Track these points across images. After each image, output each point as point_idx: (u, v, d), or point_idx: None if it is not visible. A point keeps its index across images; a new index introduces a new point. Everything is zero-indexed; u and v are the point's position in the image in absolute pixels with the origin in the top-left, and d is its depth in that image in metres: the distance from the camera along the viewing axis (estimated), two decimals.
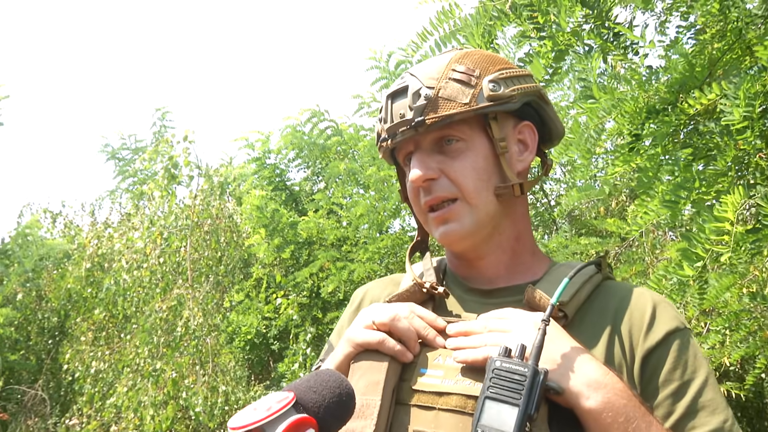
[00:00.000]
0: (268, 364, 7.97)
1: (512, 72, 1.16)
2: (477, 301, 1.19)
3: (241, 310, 7.37)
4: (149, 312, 5.83)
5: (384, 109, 1.18)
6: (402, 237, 7.03)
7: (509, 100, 1.13)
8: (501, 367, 0.96)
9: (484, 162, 1.15)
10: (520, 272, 1.20)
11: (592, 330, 1.09)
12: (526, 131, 1.21)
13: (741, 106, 2.10)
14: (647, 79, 2.64)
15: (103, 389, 6.27)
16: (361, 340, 1.13)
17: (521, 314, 1.07)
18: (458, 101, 1.11)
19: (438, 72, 1.14)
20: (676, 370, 1.05)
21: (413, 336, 1.11)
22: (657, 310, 1.09)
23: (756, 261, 4.02)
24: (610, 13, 2.33)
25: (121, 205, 9.25)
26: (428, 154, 1.16)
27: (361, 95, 7.41)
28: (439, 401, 1.04)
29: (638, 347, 1.06)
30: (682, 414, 1.02)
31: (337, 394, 0.90)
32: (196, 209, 6.53)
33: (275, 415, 0.83)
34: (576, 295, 1.09)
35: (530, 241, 1.25)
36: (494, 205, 1.16)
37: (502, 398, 0.93)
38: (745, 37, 2.47)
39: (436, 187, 1.15)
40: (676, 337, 1.07)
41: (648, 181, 2.64)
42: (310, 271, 6.87)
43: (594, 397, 0.96)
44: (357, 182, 7.15)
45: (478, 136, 1.15)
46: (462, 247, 1.21)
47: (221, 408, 5.65)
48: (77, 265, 7.15)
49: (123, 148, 9.42)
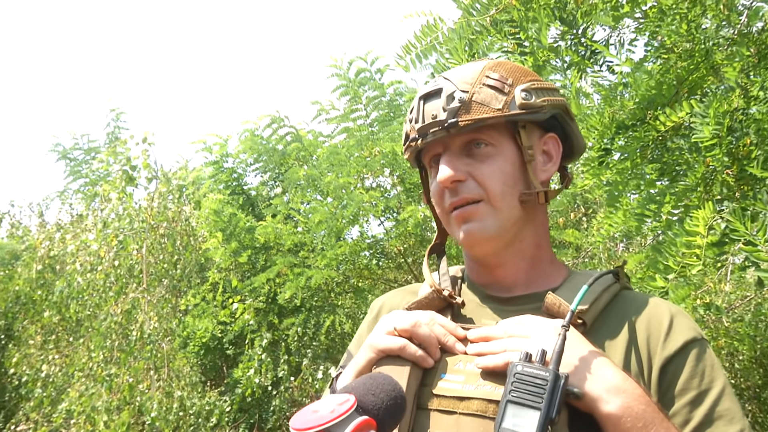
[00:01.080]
0: (223, 369, 7.88)
1: (542, 84, 1.20)
2: (495, 308, 1.22)
3: (196, 314, 7.28)
4: (104, 316, 5.71)
5: (416, 109, 1.20)
6: (360, 244, 7.04)
7: (539, 110, 1.16)
8: (522, 371, 0.98)
9: (511, 168, 1.17)
10: (539, 280, 1.23)
11: (610, 338, 1.11)
12: (551, 143, 1.24)
13: (711, 124, 2.18)
14: (613, 94, 2.72)
15: (52, 394, 6.11)
16: (383, 346, 1.15)
17: (541, 320, 1.09)
18: (491, 106, 1.14)
19: (472, 77, 1.17)
20: (694, 379, 1.07)
21: (434, 342, 1.13)
22: (674, 320, 1.12)
23: (710, 273, 4.16)
24: (587, 30, 2.39)
25: (72, 206, 9.03)
26: (457, 156, 1.18)
27: (319, 101, 7.40)
28: (460, 405, 1.06)
29: (656, 356, 1.08)
30: (699, 422, 1.04)
31: (392, 396, 0.93)
32: (152, 212, 6.43)
33: (341, 418, 0.85)
34: (594, 303, 1.11)
35: (549, 250, 1.28)
36: (518, 210, 1.18)
37: (524, 402, 0.95)
38: (711, 58, 2.57)
39: (463, 188, 1.17)
40: (693, 346, 1.09)
41: (618, 194, 2.71)
42: (267, 277, 6.82)
43: (614, 401, 0.98)
44: (316, 188, 7.14)
45: (506, 142, 1.18)
46: (483, 251, 1.22)
47: (176, 413, 5.57)
48: (27, 266, 6.96)
49: (75, 148, 9.21)
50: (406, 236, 7.11)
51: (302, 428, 0.85)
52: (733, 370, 5.28)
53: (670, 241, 2.26)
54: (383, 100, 7.26)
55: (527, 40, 2.30)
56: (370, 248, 7.33)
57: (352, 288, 7.69)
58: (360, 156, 6.66)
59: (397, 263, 7.84)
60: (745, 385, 5.46)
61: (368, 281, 7.78)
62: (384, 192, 7.08)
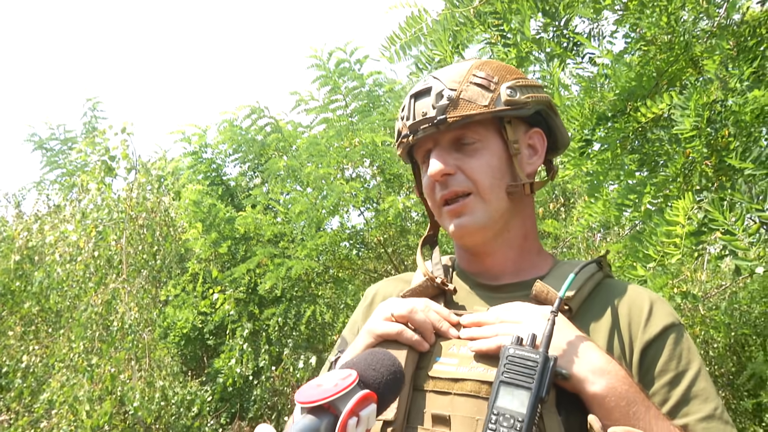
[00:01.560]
0: (203, 359, 7.87)
1: (526, 81, 1.26)
2: (485, 295, 1.27)
3: (176, 304, 7.26)
4: (84, 306, 5.68)
5: (407, 107, 1.26)
6: (340, 234, 7.06)
7: (524, 106, 1.22)
8: (514, 354, 1.03)
9: (498, 161, 1.23)
10: (526, 269, 1.28)
11: (594, 323, 1.17)
12: (536, 137, 1.30)
13: (691, 116, 2.23)
14: (593, 85, 2.76)
15: (33, 384, 6.08)
16: (381, 331, 1.20)
17: (530, 307, 1.14)
18: (478, 103, 1.20)
19: (460, 76, 1.23)
20: (672, 361, 1.13)
21: (429, 327, 1.19)
22: (654, 307, 1.18)
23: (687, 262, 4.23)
24: (570, 22, 2.43)
25: (48, 197, 8.94)
26: (447, 151, 1.24)
27: (298, 92, 7.38)
28: (454, 387, 1.11)
29: (637, 339, 1.14)
30: (676, 401, 1.10)
31: (392, 371, 0.98)
32: (131, 202, 6.40)
33: (344, 391, 0.89)
34: (580, 290, 1.17)
35: (536, 241, 1.34)
36: (506, 202, 1.24)
37: (515, 382, 1.01)
38: (690, 50, 2.61)
39: (453, 182, 1.23)
40: (672, 331, 1.16)
41: (598, 184, 2.76)
42: (247, 267, 6.82)
43: (599, 382, 1.03)
44: (296, 179, 7.13)
45: (493, 137, 1.24)
46: (473, 242, 1.28)
47: (158, 403, 5.57)
48: (5, 257, 6.89)
49: (52, 138, 9.10)
50: (386, 226, 7.15)
51: (307, 401, 0.89)
52: (708, 358, 5.38)
53: (650, 231, 2.31)
54: (363, 90, 7.26)
55: (510, 32, 2.33)
56: (350, 238, 7.36)
57: (333, 278, 7.71)
58: (340, 146, 6.67)
59: (377, 253, 7.88)
60: (719, 372, 5.57)
61: (348, 271, 7.80)
62: (364, 182, 7.10)
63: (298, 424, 0.88)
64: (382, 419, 1.11)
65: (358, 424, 0.89)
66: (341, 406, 0.88)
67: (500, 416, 1.00)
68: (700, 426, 1.08)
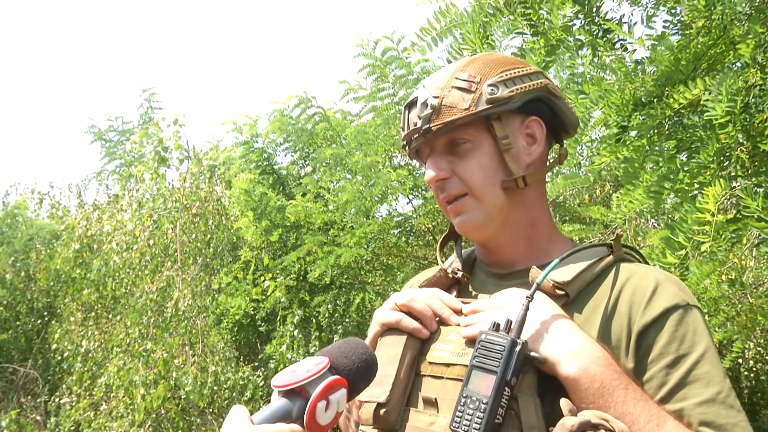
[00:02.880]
0: (256, 345, 8.04)
1: (515, 72, 1.26)
2: (495, 283, 1.30)
3: (229, 291, 7.43)
4: (139, 293, 5.87)
5: (402, 118, 1.32)
6: (388, 222, 7.10)
7: (508, 101, 1.23)
8: (486, 339, 1.07)
9: (489, 160, 1.26)
10: (537, 256, 1.29)
11: (593, 308, 1.16)
12: (533, 125, 1.29)
13: (723, 102, 2.19)
14: (633, 70, 2.73)
15: (92, 369, 6.32)
16: (384, 320, 1.27)
17: (517, 292, 1.16)
18: (459, 107, 1.22)
19: (443, 82, 1.26)
20: (672, 344, 1.09)
21: (429, 314, 1.24)
22: (659, 288, 1.14)
23: (735, 249, 4.14)
24: (600, 9, 2.41)
25: (108, 186, 9.23)
26: (441, 156, 1.28)
27: (347, 81, 7.43)
28: (446, 371, 1.16)
29: (635, 324, 1.12)
30: (674, 385, 1.07)
31: (363, 359, 1.03)
32: (185, 192, 6.56)
33: (315, 377, 0.95)
34: (580, 275, 1.17)
35: (547, 227, 1.34)
36: (502, 197, 1.26)
37: (484, 366, 1.05)
38: (729, 33, 2.56)
39: (449, 185, 1.28)
40: (673, 313, 1.11)
41: (633, 171, 2.73)
42: (297, 255, 6.92)
43: (571, 364, 1.04)
44: (344, 167, 7.20)
45: (483, 136, 1.26)
46: (478, 237, 1.33)
47: (210, 387, 5.72)
48: (66, 246, 7.17)
49: (110, 129, 9.37)
50: (434, 214, 7.16)
51: (280, 385, 0.95)
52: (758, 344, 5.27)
53: (682, 218, 2.28)
54: (410, 78, 7.26)
55: (539, 20, 2.32)
56: (399, 226, 7.39)
57: (382, 266, 7.76)
58: (387, 135, 6.70)
59: (425, 241, 7.90)
60: None
61: (397, 259, 7.85)
62: (412, 170, 7.12)
63: (272, 406, 0.95)
64: (375, 401, 1.17)
65: (327, 407, 0.95)
66: (311, 389, 0.94)
67: (468, 399, 1.04)
68: (697, 410, 1.05)
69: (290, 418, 0.94)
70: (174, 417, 5.83)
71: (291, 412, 0.94)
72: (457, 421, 1.04)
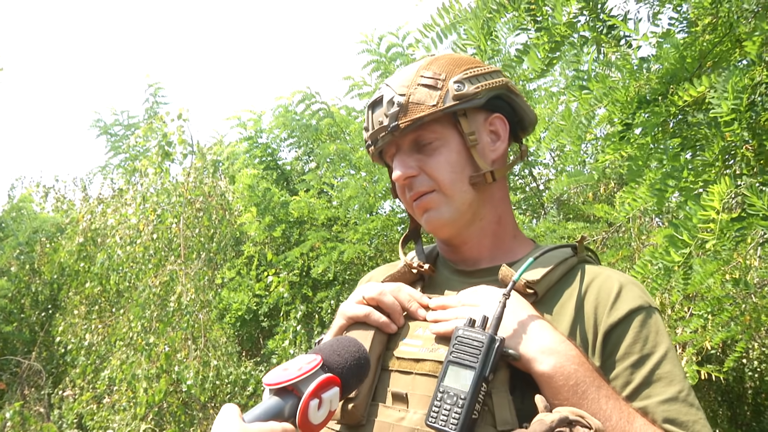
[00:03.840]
0: (258, 340, 8.04)
1: (478, 70, 1.27)
2: (461, 280, 1.31)
3: (232, 287, 7.43)
4: (143, 287, 5.88)
5: (366, 118, 1.32)
6: (392, 218, 7.09)
7: (474, 97, 1.25)
8: (463, 335, 1.07)
9: (456, 156, 1.27)
10: (502, 254, 1.32)
11: (560, 307, 1.18)
12: (497, 122, 1.31)
13: (729, 99, 2.18)
14: (638, 68, 2.71)
15: (95, 362, 6.34)
16: (351, 313, 1.26)
17: (492, 290, 1.17)
18: (426, 104, 1.23)
19: (408, 80, 1.26)
20: (636, 344, 1.13)
21: (397, 309, 1.24)
22: (623, 290, 1.18)
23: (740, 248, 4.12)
24: (605, 6, 2.39)
25: (113, 180, 9.24)
26: (408, 154, 1.29)
27: (352, 77, 7.41)
28: (415, 367, 1.16)
29: (601, 324, 1.15)
30: (638, 383, 1.10)
31: (356, 357, 1.03)
32: (188, 187, 6.56)
33: (307, 375, 0.95)
34: (548, 275, 1.19)
35: (511, 224, 1.36)
36: (470, 193, 1.27)
37: (462, 362, 1.05)
38: (735, 31, 2.54)
39: (416, 183, 1.28)
40: (638, 314, 1.15)
41: (637, 169, 2.72)
42: (301, 251, 6.92)
43: (546, 362, 1.05)
44: (348, 163, 7.19)
45: (450, 132, 1.27)
46: (446, 234, 1.32)
47: (212, 382, 5.73)
48: (70, 239, 7.18)
49: (115, 124, 9.38)
50: None
51: (272, 383, 0.95)
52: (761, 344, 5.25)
53: (686, 216, 2.27)
54: None
55: (544, 16, 2.31)
56: (402, 222, 7.38)
57: (385, 262, 7.74)
58: None
59: (428, 237, 7.89)
60: None
61: None
62: None
63: (263, 405, 0.94)
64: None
65: (320, 405, 0.94)
66: (304, 388, 0.93)
67: (445, 394, 1.04)
68: (661, 408, 1.08)
69: (282, 416, 0.93)
70: (176, 411, 5.84)
71: (283, 411, 0.93)
72: (433, 416, 1.04)
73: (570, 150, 4.64)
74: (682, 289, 2.79)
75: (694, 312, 4.08)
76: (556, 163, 7.25)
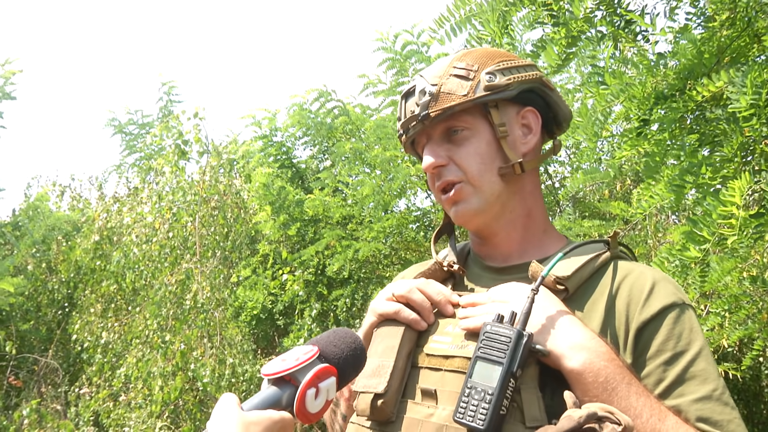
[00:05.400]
0: (274, 338, 8.06)
1: (511, 63, 1.27)
2: (491, 277, 1.31)
3: (248, 285, 7.45)
4: (158, 285, 5.91)
5: (399, 108, 1.33)
6: (407, 217, 7.09)
7: (506, 89, 1.24)
8: (491, 330, 1.07)
9: (486, 147, 1.27)
10: (532, 249, 1.31)
11: (591, 304, 1.17)
12: (529, 116, 1.31)
13: (748, 94, 2.16)
14: (655, 64, 2.69)
15: (112, 360, 6.38)
16: (381, 310, 1.27)
17: (520, 286, 1.16)
18: (457, 94, 1.23)
19: (441, 70, 1.27)
20: (669, 341, 1.11)
21: (427, 306, 1.23)
22: (656, 287, 1.17)
23: (757, 245, 4.09)
24: (622, 0, 2.38)
25: (128, 179, 9.29)
26: (438, 143, 1.29)
27: (366, 75, 7.41)
28: (445, 363, 1.16)
29: (633, 321, 1.14)
30: (671, 381, 1.09)
31: (352, 348, 1.04)
32: (204, 185, 6.59)
33: (304, 364, 0.96)
34: (579, 271, 1.18)
35: (542, 218, 1.35)
36: (499, 184, 1.27)
37: (490, 358, 1.04)
38: (754, 26, 2.52)
39: (445, 172, 1.28)
40: (671, 311, 1.14)
41: (655, 165, 2.70)
42: (315, 249, 6.94)
43: (576, 358, 1.04)
44: (363, 162, 7.19)
45: (480, 123, 1.27)
46: (474, 226, 1.32)
47: (228, 380, 5.75)
48: (86, 237, 7.23)
49: (130, 122, 9.42)
50: None
51: (270, 373, 0.96)
52: None
53: (705, 212, 2.26)
54: None
55: (560, 11, 2.30)
56: (417, 221, 7.37)
57: (400, 260, 7.75)
58: None
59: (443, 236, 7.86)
60: None
61: (415, 253, 7.84)
62: None
63: (261, 394, 0.96)
64: (372, 392, 1.17)
65: (317, 395, 0.96)
66: (301, 377, 0.95)
67: (473, 390, 1.03)
68: (694, 407, 1.06)
69: (280, 405, 0.94)
70: (191, 408, 5.87)
71: (281, 400, 0.95)
72: (461, 411, 1.04)
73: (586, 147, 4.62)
74: (699, 287, 2.76)
75: (711, 310, 4.05)
76: (571, 161, 7.22)
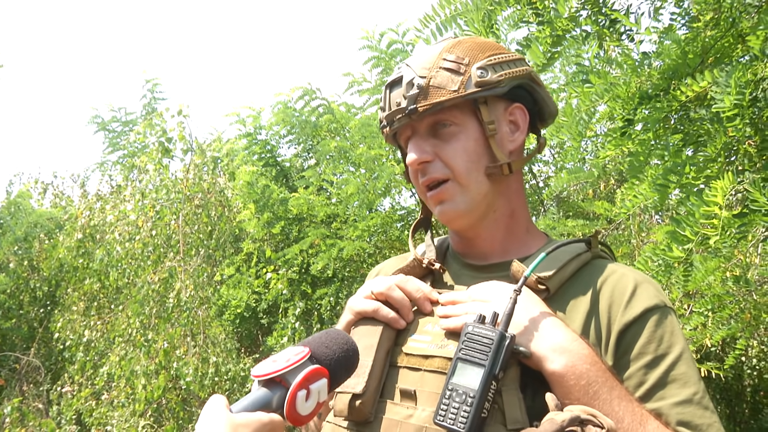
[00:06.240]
0: (257, 337, 8.04)
1: (502, 57, 1.24)
2: (472, 275, 1.28)
3: (231, 284, 7.42)
4: (141, 284, 5.87)
5: (383, 98, 1.28)
6: (391, 215, 7.08)
7: (497, 85, 1.21)
8: (473, 331, 1.05)
9: (474, 144, 1.23)
10: (514, 248, 1.28)
11: (573, 305, 1.16)
12: (516, 112, 1.28)
13: (732, 94, 2.16)
14: (640, 64, 2.70)
15: (94, 358, 6.33)
16: (359, 308, 1.24)
17: (503, 286, 1.14)
18: (448, 89, 1.19)
19: (430, 62, 1.22)
20: (651, 344, 1.10)
21: (407, 304, 1.21)
22: (638, 289, 1.15)
23: (740, 245, 4.12)
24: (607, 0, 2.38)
25: (111, 177, 9.22)
26: (424, 138, 1.25)
27: (351, 73, 7.38)
28: (425, 363, 1.13)
29: (615, 322, 1.12)
30: (652, 384, 1.08)
31: (344, 349, 1.02)
32: (187, 183, 6.55)
33: (295, 366, 0.94)
34: (560, 271, 1.16)
35: (525, 218, 1.33)
36: (486, 184, 1.24)
37: (471, 359, 1.02)
38: (738, 26, 2.53)
39: (431, 168, 1.24)
40: (653, 313, 1.12)
41: (639, 165, 2.71)
42: (300, 248, 6.92)
43: (558, 360, 1.03)
44: (348, 160, 7.18)
45: (469, 119, 1.23)
46: (459, 225, 1.29)
47: (211, 378, 5.71)
48: (69, 235, 7.17)
49: (113, 120, 9.35)
50: None
51: (260, 374, 0.94)
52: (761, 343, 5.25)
53: (688, 212, 2.26)
54: None
55: (545, 9, 2.30)
56: (402, 219, 7.36)
57: (384, 259, 7.73)
58: None
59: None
60: None
61: (400, 252, 7.83)
62: None
63: (251, 396, 0.93)
64: (350, 392, 1.14)
65: (308, 397, 0.94)
66: (291, 379, 0.93)
67: (454, 392, 1.01)
68: (675, 410, 1.05)
69: (270, 407, 0.92)
70: (174, 407, 5.83)
71: (271, 402, 0.93)
72: (442, 413, 1.02)
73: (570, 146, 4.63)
74: (683, 287, 2.77)
75: (695, 309, 4.07)
76: (555, 160, 7.24)
